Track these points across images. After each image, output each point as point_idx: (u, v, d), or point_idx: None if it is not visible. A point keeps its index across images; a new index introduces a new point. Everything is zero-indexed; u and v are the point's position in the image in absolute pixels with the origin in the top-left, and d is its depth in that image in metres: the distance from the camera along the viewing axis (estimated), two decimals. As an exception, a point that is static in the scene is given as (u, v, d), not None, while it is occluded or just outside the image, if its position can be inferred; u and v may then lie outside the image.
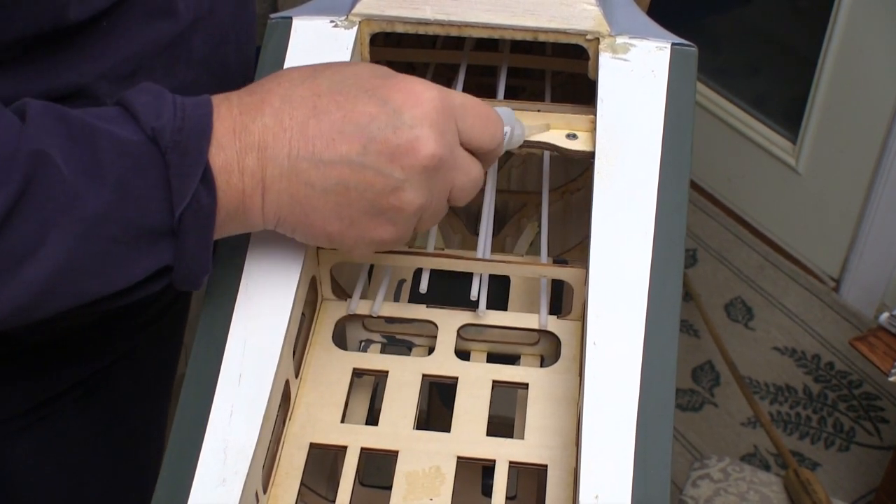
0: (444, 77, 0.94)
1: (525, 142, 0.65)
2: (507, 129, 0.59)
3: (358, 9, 0.67)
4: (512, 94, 0.84)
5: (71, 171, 0.47)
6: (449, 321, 0.64)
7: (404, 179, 0.52)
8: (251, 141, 0.51)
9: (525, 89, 0.97)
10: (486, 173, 0.59)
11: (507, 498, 0.55)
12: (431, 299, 0.66)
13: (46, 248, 0.47)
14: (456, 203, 0.57)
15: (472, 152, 0.56)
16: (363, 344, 0.67)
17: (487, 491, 0.56)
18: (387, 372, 0.61)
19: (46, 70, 0.59)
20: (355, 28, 0.67)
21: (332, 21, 0.67)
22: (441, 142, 0.53)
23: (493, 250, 0.71)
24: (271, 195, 0.52)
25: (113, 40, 0.61)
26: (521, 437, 0.57)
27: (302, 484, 0.56)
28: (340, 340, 0.66)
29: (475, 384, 0.60)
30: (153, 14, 0.63)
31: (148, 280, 0.52)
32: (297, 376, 0.60)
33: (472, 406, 0.59)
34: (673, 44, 0.66)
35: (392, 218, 0.54)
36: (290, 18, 0.67)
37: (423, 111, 0.52)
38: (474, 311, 0.64)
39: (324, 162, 0.51)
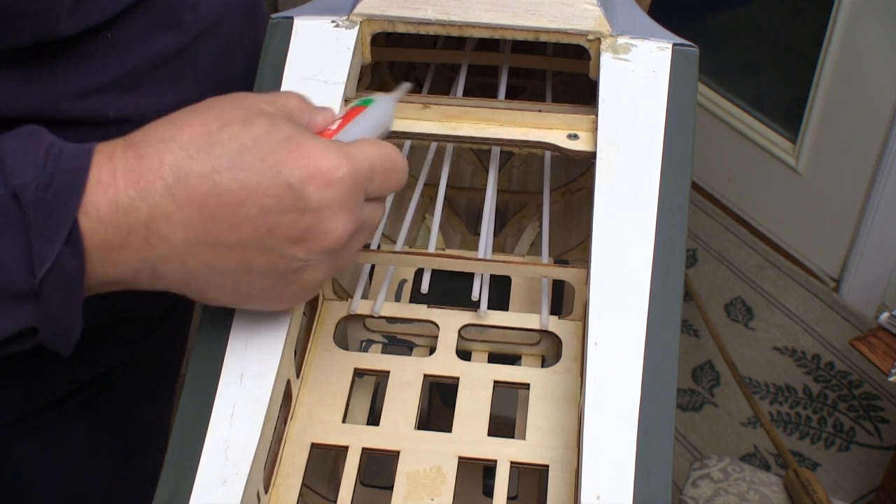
0: (444, 77, 0.95)
1: (526, 142, 0.65)
2: (382, 131, 0.58)
3: (359, 9, 0.67)
4: (513, 94, 0.84)
5: None
6: (450, 321, 0.64)
7: (308, 260, 0.50)
8: (137, 218, 0.47)
9: (526, 89, 0.97)
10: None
11: (509, 498, 0.55)
12: (432, 299, 0.66)
13: None
14: (366, 241, 0.55)
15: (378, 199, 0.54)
16: (364, 344, 0.67)
17: (488, 491, 0.56)
18: (388, 372, 0.61)
19: (44, 80, 0.58)
20: (356, 28, 0.67)
21: (333, 21, 0.67)
22: (349, 220, 0.50)
23: (494, 250, 0.71)
24: (162, 273, 0.49)
25: (115, 53, 0.61)
26: (523, 437, 0.57)
27: (303, 484, 0.56)
28: (341, 340, 0.66)
29: (476, 384, 0.60)
30: (157, 26, 0.62)
31: (11, 340, 0.48)
32: (298, 376, 0.60)
33: (473, 406, 0.59)
34: (674, 44, 0.66)
35: (294, 291, 0.52)
36: (291, 18, 0.67)
37: (332, 193, 0.49)
38: (475, 311, 0.64)
39: (225, 245, 0.48)
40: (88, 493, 0.81)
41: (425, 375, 0.61)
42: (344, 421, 0.59)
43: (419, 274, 0.69)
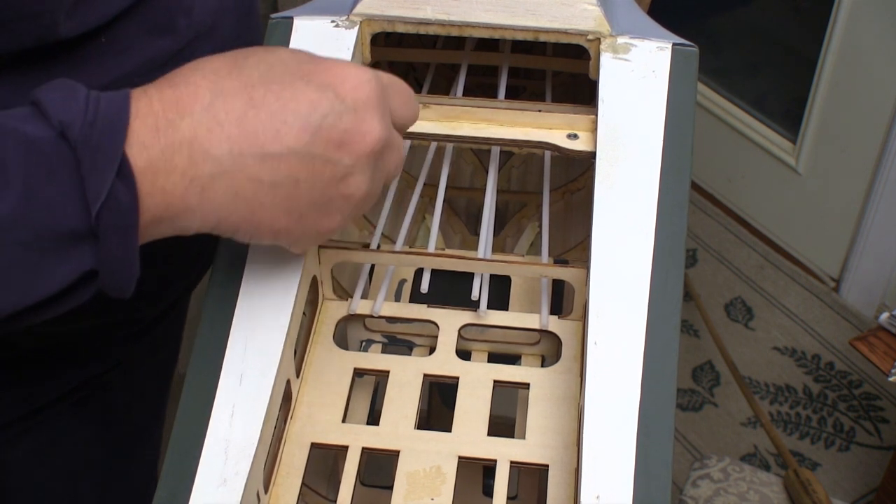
0: (444, 77, 0.95)
1: (525, 142, 0.65)
2: None
3: (359, 9, 0.67)
4: (513, 94, 0.84)
5: None
6: (450, 321, 0.64)
7: (352, 166, 0.50)
8: (180, 138, 0.47)
9: (526, 89, 0.97)
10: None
11: (508, 498, 0.55)
12: (432, 299, 0.66)
13: None
14: (387, 182, 0.56)
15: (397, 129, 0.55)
16: (364, 344, 0.67)
17: (488, 491, 0.56)
18: (388, 372, 0.61)
19: (41, 83, 0.58)
20: (356, 28, 0.67)
21: (332, 21, 0.68)
22: (384, 123, 0.51)
23: (494, 250, 0.71)
24: (210, 195, 0.48)
25: (111, 57, 0.60)
26: (522, 437, 0.57)
27: (303, 484, 0.56)
28: (341, 340, 0.66)
29: (476, 384, 0.60)
30: (152, 31, 0.62)
31: (72, 288, 0.48)
32: (298, 376, 0.60)
33: (472, 406, 0.59)
34: (674, 44, 0.66)
35: (340, 207, 0.52)
36: (291, 18, 0.67)
37: (364, 94, 0.50)
38: (475, 311, 0.64)
39: (271, 155, 0.48)
40: (81, 493, 0.81)
41: (425, 375, 0.61)
42: (344, 421, 0.59)
43: (419, 274, 0.69)
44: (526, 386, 0.61)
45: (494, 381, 0.61)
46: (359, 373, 0.62)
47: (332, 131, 0.49)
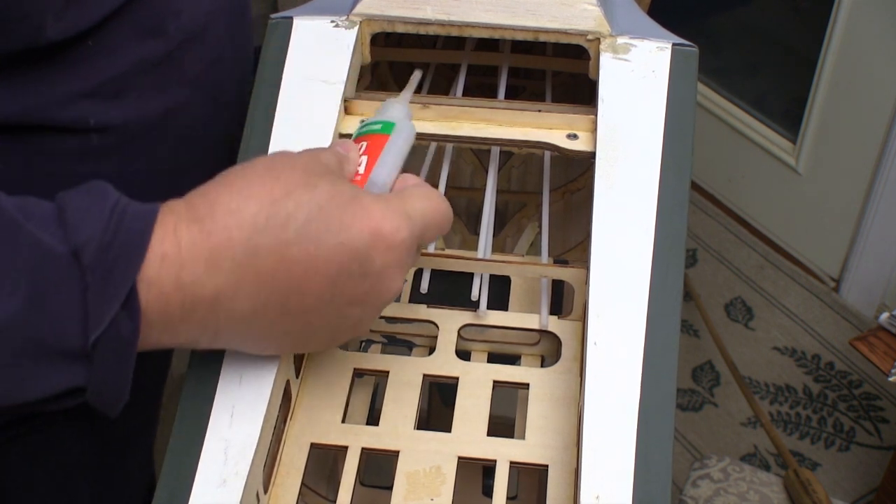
0: (444, 77, 0.95)
1: (525, 142, 0.65)
2: (408, 148, 0.57)
3: (359, 9, 0.67)
4: (512, 94, 0.84)
5: None
6: (449, 321, 0.64)
7: (363, 314, 0.51)
8: (204, 296, 0.47)
9: (525, 89, 0.97)
10: None
11: (508, 498, 0.55)
12: (432, 299, 0.66)
13: None
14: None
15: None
16: (363, 344, 0.67)
17: (488, 491, 0.56)
18: (387, 372, 0.61)
19: (28, 86, 0.57)
20: (356, 28, 0.67)
21: (332, 21, 0.68)
22: (404, 275, 0.51)
23: (494, 250, 0.71)
24: (223, 337, 0.50)
25: (99, 59, 0.60)
26: (522, 437, 0.57)
27: (303, 484, 0.56)
28: (341, 340, 0.66)
29: (476, 384, 0.60)
30: (141, 33, 0.62)
31: (58, 397, 0.47)
32: (297, 376, 0.60)
33: (472, 406, 0.59)
34: (674, 44, 0.66)
35: (347, 337, 0.53)
36: (291, 18, 0.67)
37: (394, 256, 0.50)
38: (475, 311, 0.64)
39: (290, 311, 0.49)
40: (76, 497, 0.81)
41: (425, 375, 0.61)
42: (343, 421, 0.59)
43: (419, 274, 0.69)
44: (525, 386, 0.61)
45: (494, 382, 0.61)
46: (358, 373, 0.62)
47: (353, 292, 0.49)
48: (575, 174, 0.88)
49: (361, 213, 0.49)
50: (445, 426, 0.58)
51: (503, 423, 0.62)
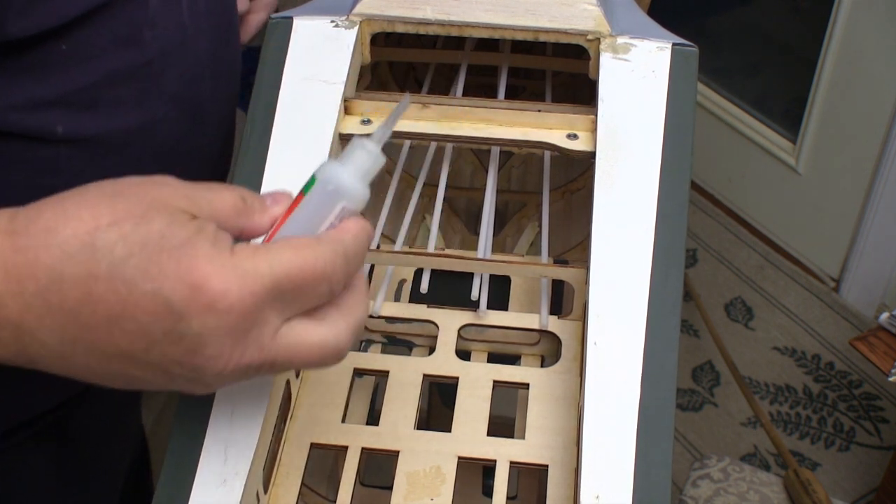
0: (444, 77, 0.95)
1: (525, 142, 0.65)
2: (331, 221, 0.46)
3: (359, 9, 0.67)
4: (512, 94, 0.84)
5: None
6: (449, 321, 0.64)
7: (195, 378, 0.44)
8: (8, 315, 0.43)
9: (525, 89, 0.97)
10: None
11: (508, 498, 0.55)
12: (432, 299, 0.66)
13: None
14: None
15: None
16: (364, 344, 0.67)
17: (488, 491, 0.56)
18: (387, 372, 0.61)
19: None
20: (356, 28, 0.67)
21: (332, 21, 0.68)
22: (243, 347, 0.43)
23: (494, 250, 0.71)
24: (41, 366, 0.44)
25: (72, 66, 0.58)
26: (522, 437, 0.57)
27: (303, 484, 0.56)
28: (341, 340, 0.66)
29: (476, 384, 0.60)
30: (116, 42, 0.60)
31: None
32: (297, 376, 0.60)
33: (472, 406, 0.59)
34: (674, 44, 0.66)
35: (204, 388, 0.46)
36: (291, 18, 0.67)
37: (216, 320, 0.42)
38: (475, 311, 0.64)
39: (104, 354, 0.43)
40: None
41: (425, 375, 0.61)
42: (343, 421, 0.59)
43: (419, 274, 0.69)
44: (525, 386, 0.61)
45: (494, 382, 0.61)
46: (358, 373, 0.62)
47: (171, 349, 0.43)
48: (575, 174, 0.88)
49: (187, 262, 0.42)
50: (445, 426, 0.58)
51: (503, 423, 0.62)
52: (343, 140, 0.65)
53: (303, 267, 0.44)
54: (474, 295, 0.64)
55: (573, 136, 0.65)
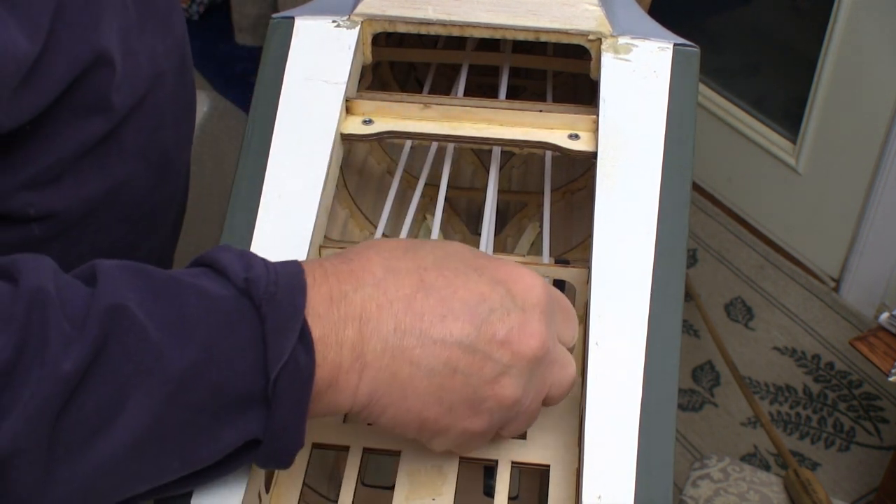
0: (445, 77, 0.95)
1: (526, 142, 0.65)
2: None
3: (360, 9, 0.67)
4: (513, 94, 0.84)
5: (154, 327, 0.42)
6: (451, 321, 0.64)
7: (510, 366, 0.48)
8: (352, 311, 0.46)
9: (527, 89, 0.97)
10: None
11: (510, 498, 0.55)
12: (433, 299, 0.66)
13: (125, 416, 0.41)
14: (551, 402, 0.53)
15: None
16: (365, 344, 0.67)
17: (489, 491, 0.56)
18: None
19: None
20: (357, 28, 0.67)
21: (334, 21, 0.68)
22: (549, 332, 0.50)
23: (495, 250, 0.71)
24: (371, 372, 0.47)
25: (38, 146, 0.56)
26: (524, 437, 0.57)
27: (304, 484, 0.56)
28: (342, 340, 0.66)
29: (477, 384, 0.60)
30: (82, 113, 0.57)
31: (230, 457, 0.46)
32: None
33: None
34: (675, 44, 0.66)
35: (490, 408, 0.49)
36: (292, 18, 0.67)
37: (535, 297, 0.49)
38: (476, 311, 0.64)
39: (433, 340, 0.47)
40: None
41: (426, 375, 0.61)
42: (345, 421, 0.59)
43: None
44: (527, 386, 0.60)
45: (495, 382, 0.61)
46: (360, 373, 0.62)
47: (498, 326, 0.48)
48: (576, 174, 0.88)
49: (497, 261, 0.50)
50: (447, 426, 0.58)
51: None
52: (345, 140, 0.65)
53: (563, 298, 0.53)
54: (475, 295, 0.64)
55: (574, 137, 0.65)
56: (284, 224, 0.60)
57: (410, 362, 0.47)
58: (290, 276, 0.46)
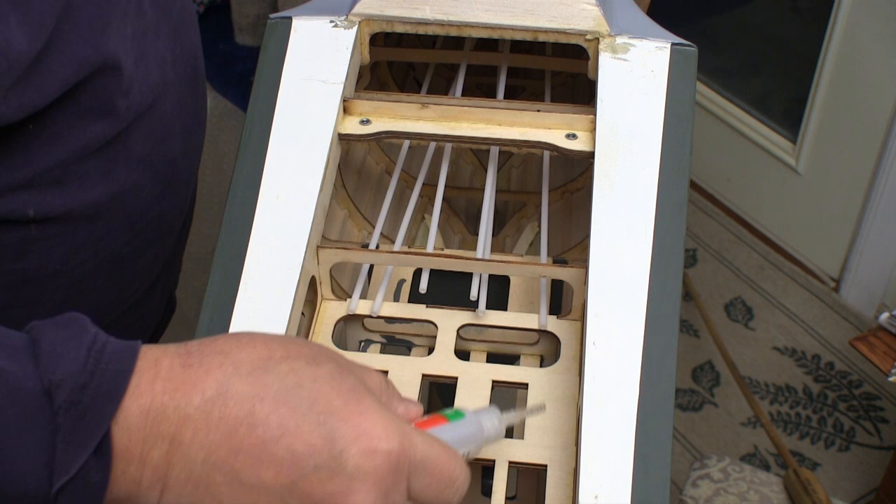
0: (443, 77, 0.95)
1: (524, 142, 0.65)
2: (463, 452, 0.50)
3: (358, 9, 0.67)
4: (512, 94, 0.84)
5: None
6: (448, 321, 0.64)
7: None
8: (165, 430, 0.42)
9: (525, 89, 0.97)
10: None
11: (507, 498, 0.55)
12: (431, 299, 0.66)
13: None
14: None
15: None
16: (363, 344, 0.67)
17: (487, 491, 0.56)
18: (386, 372, 0.61)
19: None
20: (355, 28, 0.67)
21: (331, 21, 0.68)
22: (376, 499, 0.44)
23: (493, 250, 0.71)
24: (171, 496, 0.43)
25: (38, 145, 0.55)
26: (521, 436, 0.57)
27: None
28: (340, 340, 0.66)
29: (475, 384, 0.60)
30: (88, 115, 0.57)
31: None
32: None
33: (471, 406, 0.59)
34: (673, 44, 0.66)
35: None
36: (290, 18, 0.67)
37: (372, 465, 0.43)
38: (474, 311, 0.64)
39: (241, 482, 0.43)
40: None
41: (424, 375, 0.61)
42: None
43: (418, 274, 0.69)
44: (525, 386, 0.61)
45: (493, 381, 0.61)
46: (357, 373, 0.62)
47: (316, 487, 0.43)
48: (574, 174, 0.88)
49: (356, 405, 0.44)
50: (444, 426, 0.58)
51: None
52: (343, 140, 0.65)
53: (447, 466, 0.46)
54: (473, 295, 0.64)
55: (572, 136, 0.65)
56: (282, 224, 0.60)
57: (213, 497, 0.43)
58: (112, 376, 0.42)
